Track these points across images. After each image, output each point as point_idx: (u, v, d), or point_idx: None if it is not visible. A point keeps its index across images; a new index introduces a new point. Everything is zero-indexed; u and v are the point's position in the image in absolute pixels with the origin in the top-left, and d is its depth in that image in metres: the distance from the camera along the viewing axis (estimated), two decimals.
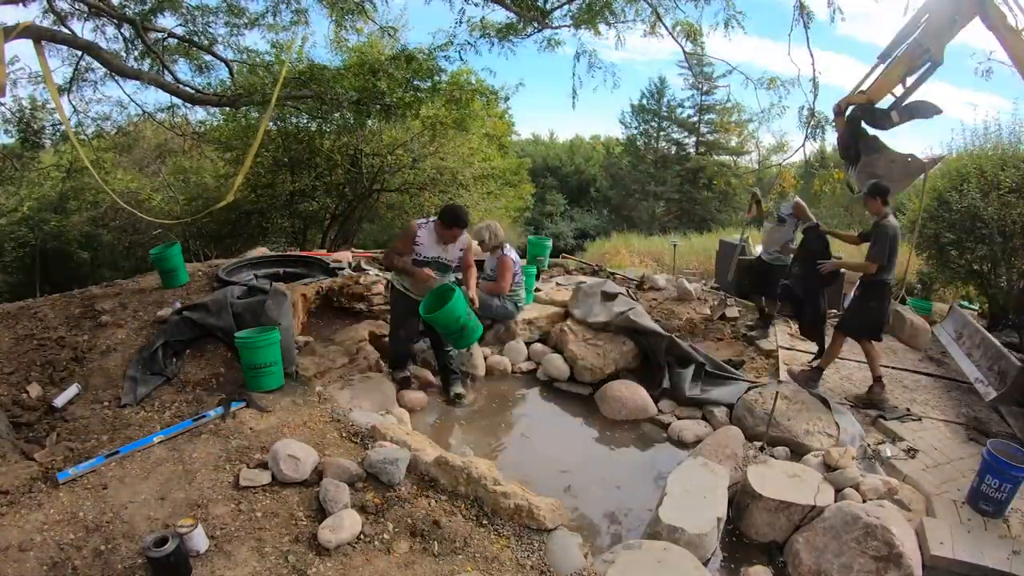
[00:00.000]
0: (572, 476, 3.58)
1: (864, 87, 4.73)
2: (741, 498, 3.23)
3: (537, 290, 6.26)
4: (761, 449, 3.83)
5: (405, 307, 4.22)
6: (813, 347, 5.14)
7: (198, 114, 8.38)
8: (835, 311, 6.42)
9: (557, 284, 6.76)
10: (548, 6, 5.69)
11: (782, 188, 6.23)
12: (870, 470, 3.58)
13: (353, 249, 8.22)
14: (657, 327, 4.94)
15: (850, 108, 4.81)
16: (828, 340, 4.77)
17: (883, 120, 4.72)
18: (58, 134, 7.13)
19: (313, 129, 9.71)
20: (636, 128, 27.41)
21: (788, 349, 5.37)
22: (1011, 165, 6.08)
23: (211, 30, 6.11)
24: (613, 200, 26.57)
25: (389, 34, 7.35)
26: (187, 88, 5.83)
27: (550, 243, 7.71)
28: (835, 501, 3.10)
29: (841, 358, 5.32)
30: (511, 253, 5.16)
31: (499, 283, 5.03)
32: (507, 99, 11.39)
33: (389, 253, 4.25)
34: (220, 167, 10.76)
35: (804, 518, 3.04)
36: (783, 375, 4.80)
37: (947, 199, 6.32)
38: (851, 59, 59.92)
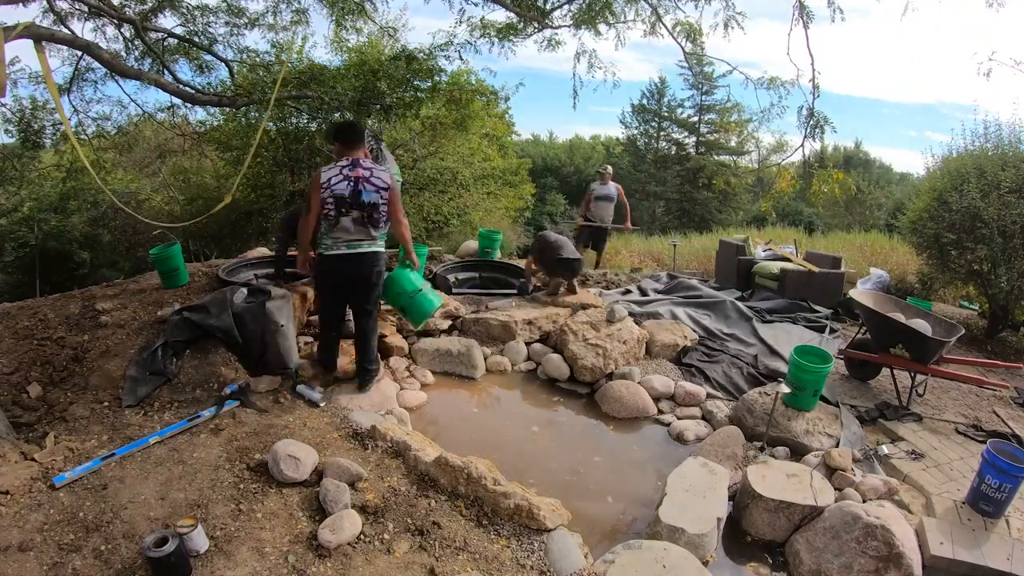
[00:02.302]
0: (572, 476, 3.58)
1: None
2: (741, 498, 3.23)
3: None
4: (761, 449, 3.83)
5: None
6: None
7: (198, 114, 8.38)
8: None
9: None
10: (548, 6, 5.69)
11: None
12: (870, 470, 3.58)
13: None
14: None
15: None
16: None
17: None
18: (58, 134, 7.12)
19: (313, 129, 9.70)
20: (636, 128, 27.48)
21: None
22: (1011, 165, 6.06)
23: (211, 30, 6.13)
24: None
25: (389, 34, 7.36)
26: (187, 88, 5.82)
27: (500, 236, 7.53)
28: (835, 501, 3.11)
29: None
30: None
31: None
32: (507, 99, 11.38)
33: None
34: (220, 167, 10.74)
35: (804, 518, 3.04)
36: None
37: (947, 199, 6.31)
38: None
